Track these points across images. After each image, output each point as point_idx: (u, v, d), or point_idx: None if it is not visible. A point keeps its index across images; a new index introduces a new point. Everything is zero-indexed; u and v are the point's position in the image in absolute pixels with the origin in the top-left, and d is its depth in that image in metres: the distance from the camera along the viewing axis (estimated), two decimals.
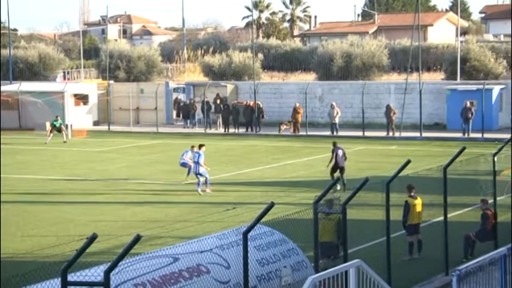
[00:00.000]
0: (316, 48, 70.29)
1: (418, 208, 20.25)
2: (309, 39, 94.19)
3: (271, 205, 13.00)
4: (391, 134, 48.18)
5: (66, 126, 50.62)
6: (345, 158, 31.04)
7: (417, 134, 47.41)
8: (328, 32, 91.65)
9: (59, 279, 10.12)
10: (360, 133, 48.73)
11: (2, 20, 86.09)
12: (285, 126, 51.04)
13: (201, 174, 30.12)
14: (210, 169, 31.12)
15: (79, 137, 50.78)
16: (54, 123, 48.40)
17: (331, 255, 16.42)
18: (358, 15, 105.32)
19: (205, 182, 30.30)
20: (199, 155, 30.27)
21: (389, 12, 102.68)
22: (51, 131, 47.99)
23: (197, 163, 30.08)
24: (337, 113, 49.60)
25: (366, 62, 64.18)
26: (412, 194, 20.27)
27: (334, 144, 31.22)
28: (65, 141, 47.68)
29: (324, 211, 16.44)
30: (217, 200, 28.64)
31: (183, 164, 32.26)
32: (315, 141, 46.57)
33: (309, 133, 49.96)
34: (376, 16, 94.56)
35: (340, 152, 30.71)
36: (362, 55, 64.28)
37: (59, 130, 48.25)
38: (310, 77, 69.64)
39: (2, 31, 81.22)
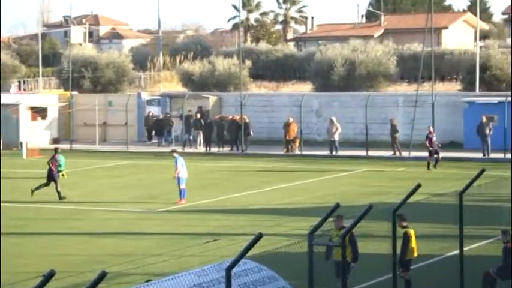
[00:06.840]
0: (313, 54, 70.46)
1: (414, 241, 19.96)
2: (305, 43, 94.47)
3: (259, 236, 12.97)
4: (397, 153, 48.22)
5: (21, 144, 50.26)
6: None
7: None
8: (327, 35, 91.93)
9: None
10: (363, 152, 48.77)
11: None
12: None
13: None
14: (188, 194, 30.86)
15: (34, 157, 50.43)
16: None
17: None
18: (362, 16, 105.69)
19: None
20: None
21: (397, 13, 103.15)
22: None
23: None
24: (337, 129, 49.65)
25: (371, 71, 64.40)
26: (405, 224, 19.75)
27: None
28: None
29: (320, 243, 16.41)
30: (197, 231, 28.59)
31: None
32: (311, 162, 46.59)
33: (303, 152, 49.97)
34: (382, 17, 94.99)
35: None
36: (366, 62, 64.50)
37: None
38: (305, 88, 69.78)
39: None
